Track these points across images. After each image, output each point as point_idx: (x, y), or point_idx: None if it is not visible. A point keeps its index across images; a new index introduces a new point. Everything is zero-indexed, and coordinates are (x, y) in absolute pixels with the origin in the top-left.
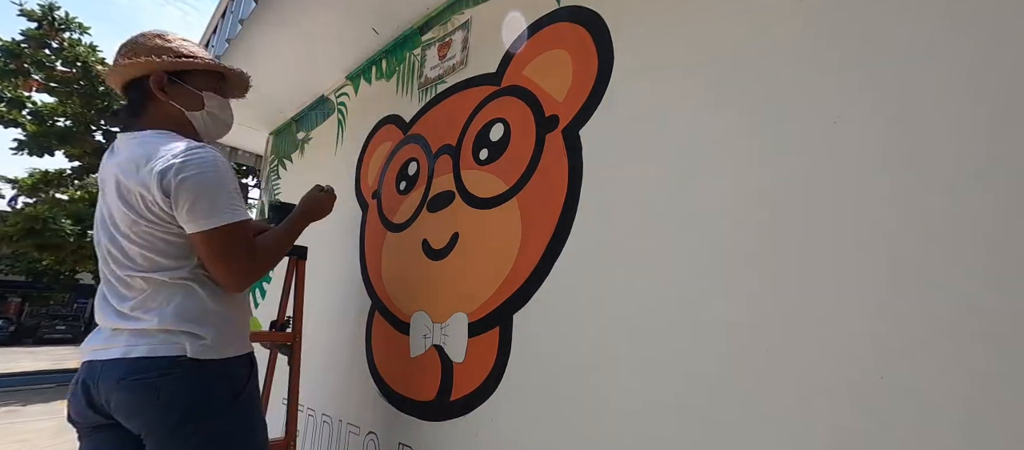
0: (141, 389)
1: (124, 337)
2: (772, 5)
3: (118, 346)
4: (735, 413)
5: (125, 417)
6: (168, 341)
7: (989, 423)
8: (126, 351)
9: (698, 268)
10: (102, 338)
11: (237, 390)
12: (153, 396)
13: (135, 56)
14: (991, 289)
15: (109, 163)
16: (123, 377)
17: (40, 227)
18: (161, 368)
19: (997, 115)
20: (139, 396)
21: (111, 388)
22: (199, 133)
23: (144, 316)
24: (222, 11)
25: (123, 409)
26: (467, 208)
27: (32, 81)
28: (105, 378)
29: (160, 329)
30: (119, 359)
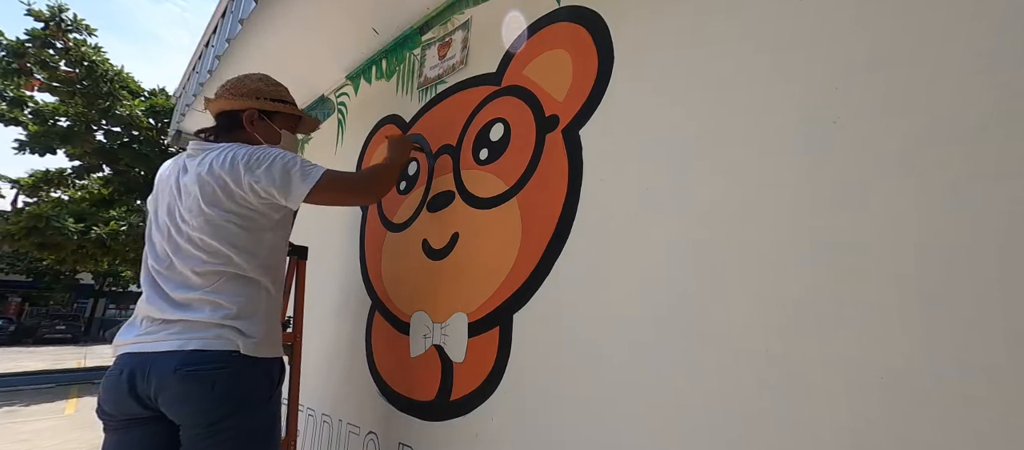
0: (197, 380)
1: (177, 328)
2: (772, 5)
3: (172, 338)
4: (735, 413)
5: (176, 407)
6: (222, 336)
7: (990, 424)
8: (182, 343)
9: (698, 268)
10: (150, 330)
11: (273, 389)
12: (208, 388)
13: (237, 94)
14: (993, 290)
15: (188, 163)
16: (179, 367)
17: (43, 225)
18: (217, 361)
19: (1001, 115)
20: (194, 387)
21: (165, 378)
22: None
23: (201, 308)
24: (222, 11)
25: (176, 399)
26: (467, 208)
27: (34, 81)
28: (158, 368)
29: (215, 323)
30: (175, 351)
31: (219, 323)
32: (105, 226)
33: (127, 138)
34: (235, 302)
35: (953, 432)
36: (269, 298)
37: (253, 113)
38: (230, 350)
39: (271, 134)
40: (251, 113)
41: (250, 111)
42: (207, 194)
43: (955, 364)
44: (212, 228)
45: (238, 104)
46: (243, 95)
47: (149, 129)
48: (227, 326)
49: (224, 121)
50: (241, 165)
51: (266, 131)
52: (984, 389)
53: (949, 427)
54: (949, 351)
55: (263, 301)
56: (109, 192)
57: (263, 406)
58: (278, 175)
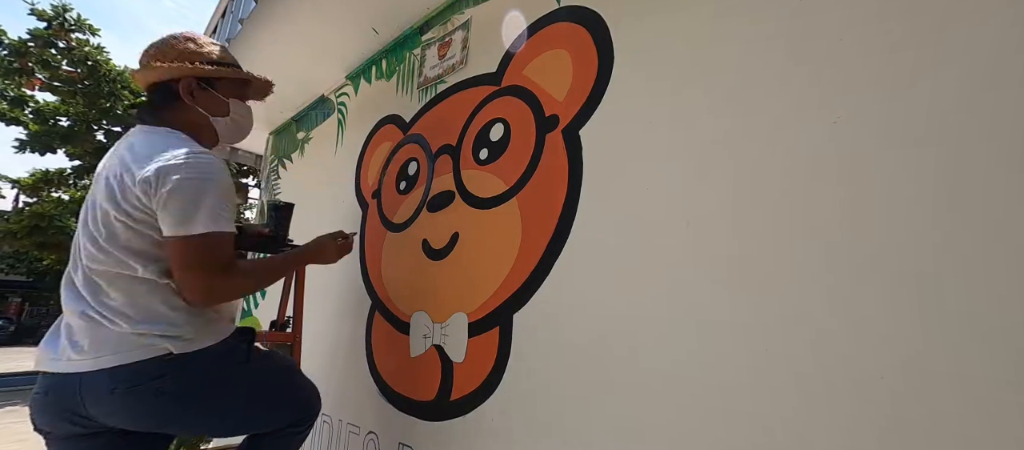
0: (140, 395)
1: (96, 341)
2: (773, 5)
3: (89, 358)
4: (735, 413)
5: (130, 422)
6: (148, 344)
7: (990, 424)
8: (107, 360)
9: (698, 268)
10: (70, 347)
11: (237, 363)
12: (155, 397)
13: (165, 59)
14: (993, 291)
15: (112, 157)
16: (115, 388)
17: (44, 225)
18: (153, 372)
19: (1001, 116)
20: (140, 402)
21: (102, 400)
22: (220, 137)
23: (118, 318)
24: (222, 11)
25: (125, 416)
26: (467, 208)
27: (36, 80)
28: (89, 391)
29: (136, 332)
30: (101, 371)
31: (138, 332)
32: None
33: None
34: (148, 307)
35: (953, 432)
36: (176, 294)
37: (191, 82)
38: (163, 355)
39: (216, 105)
40: (188, 82)
41: (186, 80)
42: (109, 191)
43: (955, 364)
44: (109, 231)
45: (169, 72)
46: (173, 60)
47: None
48: (146, 334)
49: (158, 96)
50: (141, 174)
51: (211, 103)
52: (984, 389)
53: (949, 427)
54: (950, 351)
55: (179, 298)
56: None
57: (234, 379)
58: (168, 200)
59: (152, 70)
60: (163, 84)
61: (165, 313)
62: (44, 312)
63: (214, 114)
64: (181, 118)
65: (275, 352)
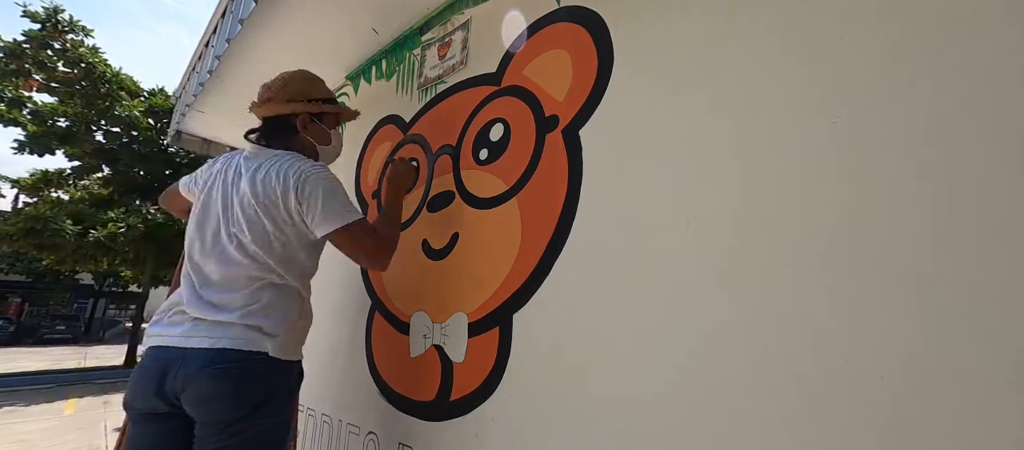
0: (223, 378)
1: (208, 327)
2: (773, 5)
3: (202, 337)
4: (735, 413)
5: (199, 403)
6: (251, 336)
7: (990, 424)
8: (213, 342)
9: (698, 268)
10: (183, 326)
11: (292, 391)
12: (233, 386)
13: (287, 98)
14: (994, 291)
15: (243, 165)
16: (207, 365)
17: (41, 226)
18: (244, 361)
19: (1001, 116)
20: (220, 385)
21: (193, 374)
22: (321, 159)
23: (234, 310)
24: (222, 11)
25: (200, 396)
26: (467, 208)
27: (32, 81)
28: (188, 364)
29: (246, 325)
30: (205, 349)
31: (250, 325)
32: (103, 229)
33: (126, 138)
34: (268, 307)
35: (953, 432)
36: (301, 302)
37: (306, 118)
38: (258, 351)
39: (322, 136)
40: (304, 118)
41: (303, 116)
42: (260, 202)
43: (955, 364)
44: (259, 236)
45: (289, 108)
46: (293, 99)
47: (148, 129)
48: (256, 328)
49: (274, 125)
50: (292, 180)
51: (318, 133)
52: (984, 389)
53: (949, 427)
54: (950, 351)
55: (295, 306)
56: (108, 192)
57: (281, 407)
58: (315, 208)
59: (276, 105)
60: (280, 117)
61: (278, 314)
62: (44, 312)
63: (319, 143)
64: (295, 143)
65: (295, 407)
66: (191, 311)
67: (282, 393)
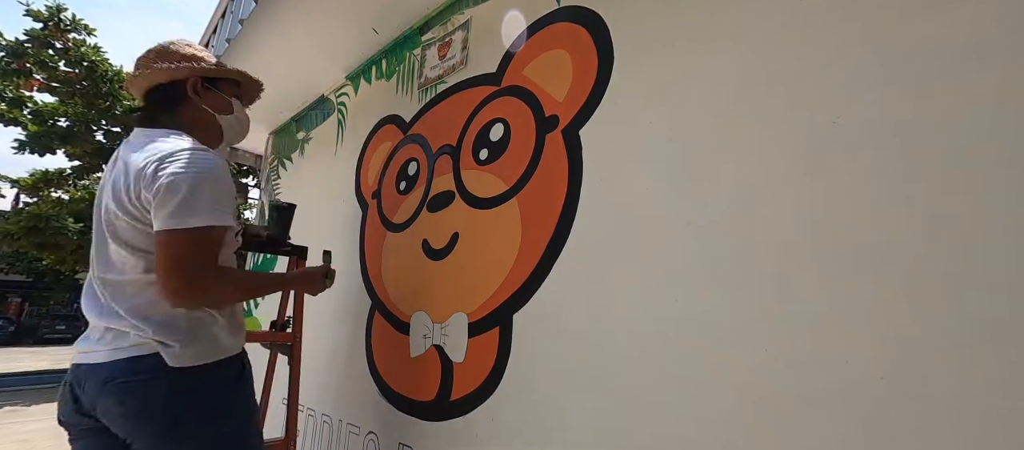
0: (122, 393)
1: (108, 338)
2: (773, 5)
3: (102, 350)
4: (734, 412)
5: (109, 421)
6: (145, 346)
7: (991, 424)
8: (109, 355)
9: (697, 268)
10: (90, 340)
11: (221, 398)
12: (132, 402)
13: (168, 61)
14: (994, 291)
15: (122, 153)
16: (108, 380)
17: (43, 225)
18: (139, 373)
19: (999, 117)
20: (119, 401)
21: (96, 392)
22: (224, 135)
23: (125, 317)
24: (222, 11)
25: (106, 414)
26: (467, 208)
27: (33, 80)
28: (90, 381)
29: (138, 332)
30: (105, 363)
31: (142, 332)
32: None
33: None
34: (153, 309)
35: (954, 432)
36: None
37: (197, 82)
38: (153, 362)
39: (220, 103)
40: (195, 82)
41: (194, 80)
42: (120, 196)
43: (955, 364)
44: (128, 230)
45: (176, 73)
46: (178, 60)
47: None
48: (148, 335)
49: (160, 98)
50: (144, 170)
51: (216, 101)
52: (984, 389)
53: (950, 427)
54: (950, 351)
55: None
56: None
57: (210, 420)
58: (166, 194)
59: (156, 72)
60: (166, 86)
61: (161, 318)
62: (44, 312)
63: (219, 112)
64: (185, 118)
65: (251, 410)
66: (93, 321)
67: (206, 403)
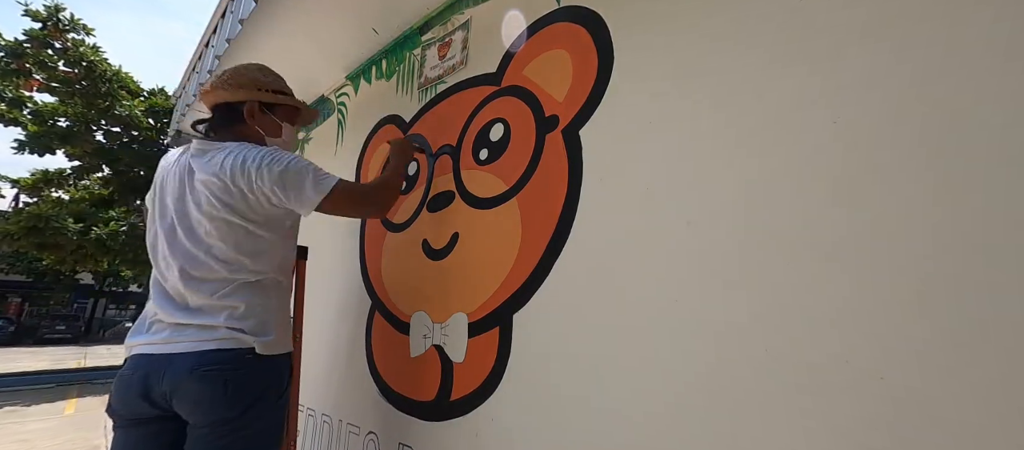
0: (212, 380)
1: (192, 332)
2: (773, 4)
3: (186, 341)
4: (735, 413)
5: (189, 407)
6: (237, 337)
7: (991, 424)
8: (197, 345)
9: (698, 268)
10: (165, 332)
11: (285, 385)
12: (222, 387)
13: (236, 85)
14: (994, 290)
15: (194, 162)
16: (195, 368)
17: (43, 225)
18: (232, 361)
19: (1002, 115)
20: (209, 387)
21: (181, 379)
22: None
23: (216, 313)
24: (222, 11)
25: (190, 399)
26: (467, 208)
27: (33, 81)
28: (173, 369)
29: (229, 326)
30: (189, 352)
31: (233, 326)
32: (105, 227)
33: (127, 138)
34: (248, 305)
35: (954, 432)
36: (280, 294)
37: (254, 106)
38: (244, 349)
39: (272, 127)
40: (252, 106)
41: (251, 103)
42: (220, 198)
43: (956, 364)
44: (225, 233)
45: (237, 95)
46: (242, 86)
47: (148, 129)
48: (239, 329)
49: (222, 114)
50: (252, 170)
51: (267, 124)
52: (985, 389)
53: (950, 427)
54: (950, 351)
55: (275, 299)
56: (109, 192)
57: (274, 403)
58: (290, 182)
59: (224, 92)
60: (228, 105)
61: (261, 311)
62: (44, 312)
63: (269, 134)
64: (243, 133)
65: (287, 403)
66: (169, 318)
67: (274, 391)
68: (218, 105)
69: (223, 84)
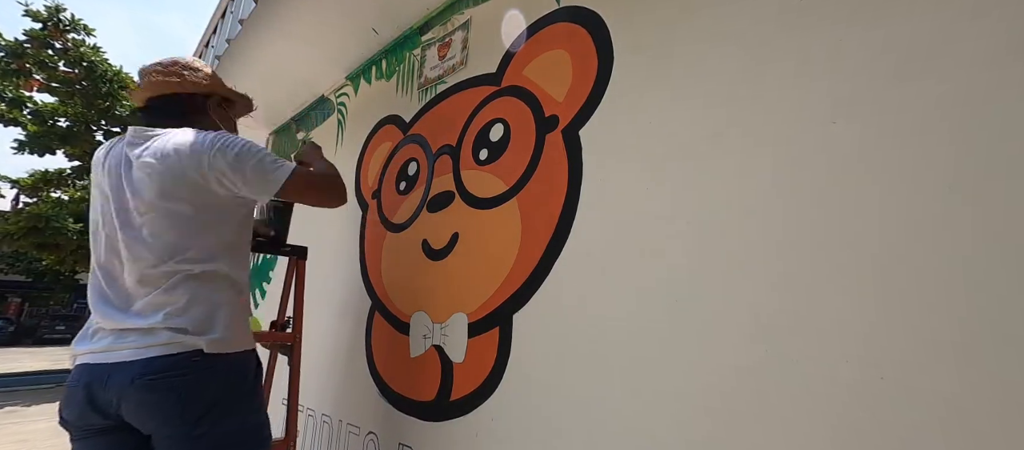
0: (159, 389)
1: (133, 337)
2: (773, 4)
3: (128, 348)
4: (734, 413)
5: (140, 417)
6: (179, 339)
7: (992, 424)
8: (139, 352)
9: (697, 268)
10: (106, 339)
11: (248, 385)
12: (173, 396)
13: (199, 77)
14: (994, 290)
15: (131, 152)
16: (138, 377)
17: (42, 225)
18: (179, 366)
19: (1001, 115)
20: (157, 396)
21: (124, 389)
22: None
23: (156, 314)
24: (222, 11)
25: (140, 410)
26: (467, 208)
27: (33, 81)
28: (116, 380)
29: (172, 328)
30: (132, 361)
31: (176, 327)
32: None
33: None
34: (190, 300)
35: (954, 432)
36: (231, 289)
37: (219, 98)
38: (190, 352)
39: (230, 123)
40: (217, 98)
41: (216, 96)
42: (161, 183)
43: (956, 364)
44: (165, 223)
45: (203, 88)
46: (205, 78)
47: None
48: (184, 329)
49: (179, 102)
50: (205, 151)
51: (225, 119)
52: (986, 389)
53: (950, 427)
54: (951, 350)
55: (225, 293)
56: None
57: (241, 404)
58: (249, 167)
59: (187, 82)
60: (182, 95)
61: (206, 308)
62: (43, 312)
63: (229, 128)
64: (198, 126)
65: (264, 398)
66: (109, 324)
67: (238, 390)
68: (169, 95)
69: (187, 73)
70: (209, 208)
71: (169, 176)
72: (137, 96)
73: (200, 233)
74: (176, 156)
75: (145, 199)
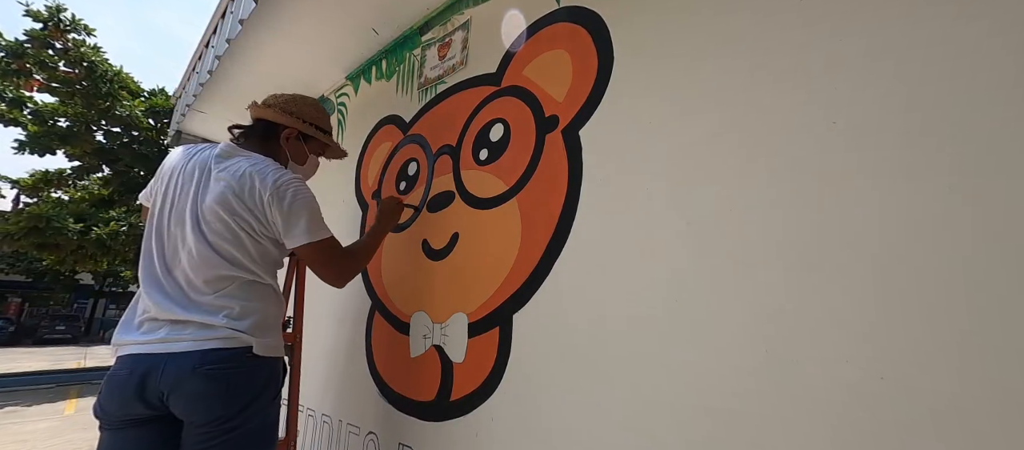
0: (214, 378)
1: (192, 329)
2: (773, 4)
3: (187, 339)
4: (734, 413)
5: (190, 406)
6: (237, 336)
7: (992, 424)
8: (199, 344)
9: (697, 268)
10: (161, 331)
11: (276, 389)
12: (223, 386)
13: (287, 110)
14: (994, 290)
15: (215, 164)
16: (198, 366)
17: (43, 225)
18: (233, 360)
19: (998, 118)
20: (211, 385)
21: (181, 378)
22: None
23: (215, 311)
24: (222, 11)
25: (190, 398)
26: (467, 208)
27: (33, 81)
28: (173, 368)
29: (229, 325)
30: (190, 351)
31: (232, 325)
32: (105, 226)
33: (127, 138)
34: (248, 305)
35: (954, 432)
36: (275, 299)
37: (293, 132)
38: (244, 348)
39: (299, 154)
40: (291, 132)
41: (291, 130)
42: (231, 201)
43: (957, 364)
44: (231, 233)
45: (283, 119)
46: (291, 113)
47: (149, 129)
48: (239, 329)
49: (261, 128)
50: (264, 188)
51: (296, 151)
52: (987, 389)
53: (951, 427)
54: (951, 350)
55: (271, 304)
56: (109, 192)
57: (267, 405)
58: (292, 213)
59: (274, 112)
60: (270, 123)
61: (260, 313)
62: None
63: (295, 160)
64: (273, 151)
65: (279, 405)
66: (165, 315)
67: (269, 391)
68: (261, 120)
69: (277, 104)
70: (263, 231)
71: (236, 196)
72: (254, 114)
73: (256, 247)
74: (251, 181)
75: (217, 210)
